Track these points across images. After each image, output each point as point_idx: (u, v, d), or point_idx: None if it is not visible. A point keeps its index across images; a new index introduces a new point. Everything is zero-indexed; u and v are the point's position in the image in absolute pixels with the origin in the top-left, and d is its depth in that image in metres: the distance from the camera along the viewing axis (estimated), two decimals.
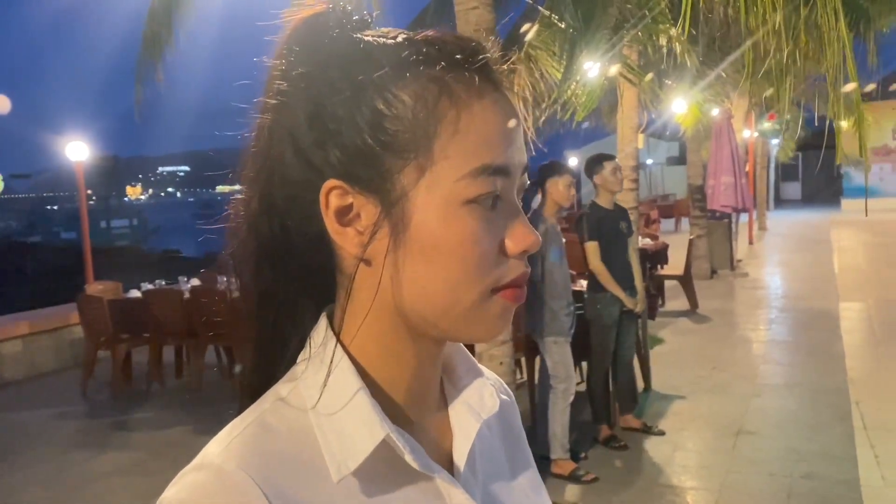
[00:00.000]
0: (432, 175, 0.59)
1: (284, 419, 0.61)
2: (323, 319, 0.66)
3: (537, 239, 0.62)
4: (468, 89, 0.60)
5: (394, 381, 0.65)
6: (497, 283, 0.61)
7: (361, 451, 0.59)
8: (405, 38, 0.62)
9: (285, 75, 0.61)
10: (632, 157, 7.13)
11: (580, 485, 4.40)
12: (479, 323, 0.62)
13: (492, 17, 3.81)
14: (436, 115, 0.60)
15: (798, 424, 5.30)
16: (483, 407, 0.70)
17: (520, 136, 0.63)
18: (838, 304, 9.61)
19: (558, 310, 4.41)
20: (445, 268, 0.60)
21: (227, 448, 0.58)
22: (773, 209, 28.02)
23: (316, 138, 0.60)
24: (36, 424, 6.24)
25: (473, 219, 0.60)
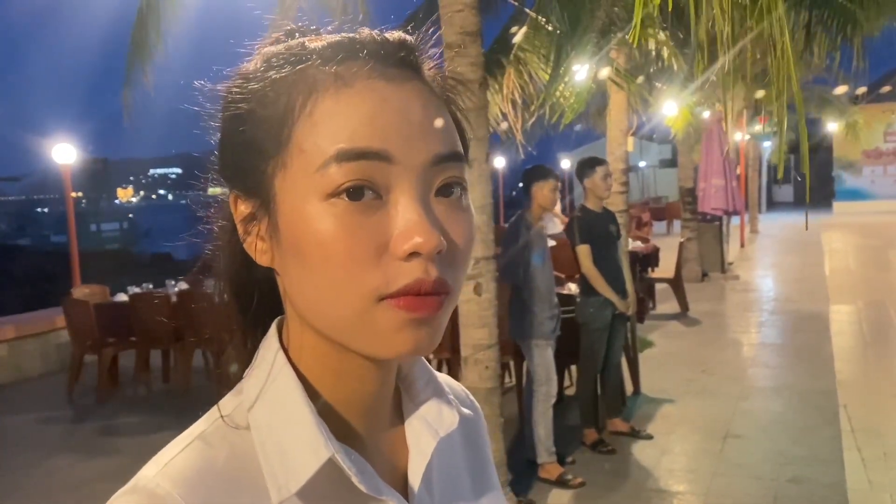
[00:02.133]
0: (291, 170, 0.56)
1: (225, 438, 0.59)
2: (272, 330, 0.63)
3: (430, 239, 0.53)
4: (334, 79, 0.56)
5: (339, 396, 0.61)
6: (382, 290, 0.54)
7: (304, 473, 0.56)
8: (298, 44, 0.60)
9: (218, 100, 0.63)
10: (621, 160, 7.12)
11: (567, 489, 4.39)
12: (370, 336, 0.56)
13: (477, 19, 3.79)
14: (289, 108, 0.56)
15: (785, 428, 5.29)
16: (441, 423, 0.66)
17: (421, 124, 0.57)
18: (828, 306, 9.63)
19: (540, 313, 4.40)
20: (315, 271, 0.55)
21: (163, 470, 0.56)
22: (765, 212, 28.08)
23: (221, 152, 0.62)
24: (21, 429, 6.20)
25: (336, 213, 0.54)
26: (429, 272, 0.54)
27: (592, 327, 4.92)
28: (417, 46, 0.61)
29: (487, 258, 3.84)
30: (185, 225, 0.70)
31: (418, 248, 0.53)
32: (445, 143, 0.58)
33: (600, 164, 4.95)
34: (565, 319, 4.78)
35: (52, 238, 41.55)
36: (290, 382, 0.59)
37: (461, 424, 0.71)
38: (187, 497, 0.54)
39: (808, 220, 19.15)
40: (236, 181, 0.60)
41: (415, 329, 0.55)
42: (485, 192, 3.81)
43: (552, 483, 4.43)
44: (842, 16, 6.89)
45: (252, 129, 0.58)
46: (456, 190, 0.58)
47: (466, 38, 3.73)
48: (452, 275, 0.57)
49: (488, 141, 3.83)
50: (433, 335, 0.57)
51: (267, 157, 0.57)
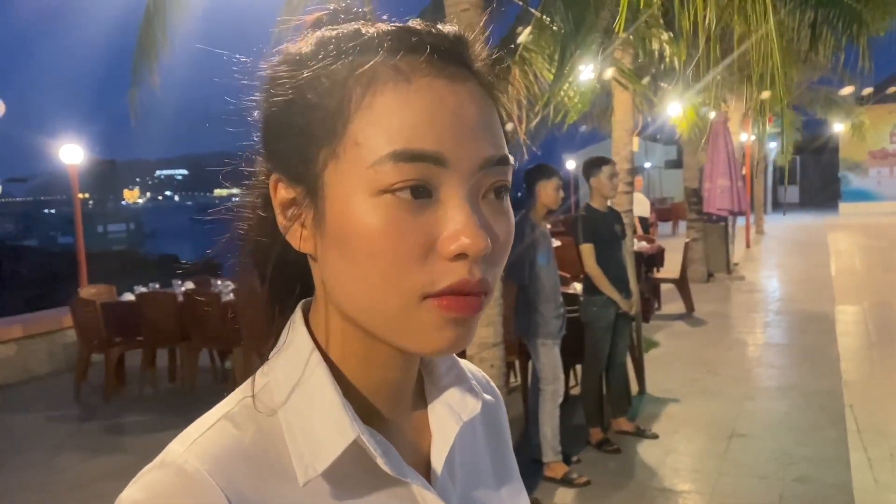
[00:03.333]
0: (344, 162, 0.56)
1: (252, 418, 0.59)
2: (298, 313, 0.64)
3: (477, 242, 0.54)
4: (394, 74, 0.56)
5: (364, 381, 0.62)
6: (427, 289, 0.55)
7: (330, 453, 0.57)
8: (354, 31, 0.59)
9: (263, 82, 0.62)
10: (626, 161, 7.12)
11: (572, 488, 4.39)
12: (410, 333, 0.56)
13: (482, 18, 3.80)
14: (346, 99, 0.56)
15: (791, 428, 5.29)
16: (464, 408, 0.67)
17: (474, 127, 0.56)
18: (834, 307, 9.61)
19: (546, 312, 4.40)
20: (359, 265, 0.55)
21: (190, 447, 0.56)
22: (770, 212, 28.03)
23: (267, 135, 0.62)
24: (28, 428, 6.23)
25: (386, 210, 0.54)
26: (473, 273, 0.55)
27: (596, 326, 4.93)
28: (471, 43, 0.61)
29: None
30: (190, 226, 0.70)
31: (466, 250, 0.54)
32: (495, 146, 0.58)
33: (606, 164, 4.96)
34: (570, 319, 4.78)
35: (59, 239, 41.74)
36: (319, 366, 0.60)
37: (483, 410, 0.71)
38: (215, 474, 0.54)
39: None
40: (282, 165, 0.60)
41: (454, 328, 0.56)
42: None
43: (557, 482, 4.44)
44: (848, 15, 6.88)
45: (304, 115, 0.58)
46: (503, 193, 0.59)
47: (467, 29, 3.74)
48: (494, 275, 0.58)
49: None
50: (469, 334, 0.58)
51: (319, 145, 0.57)
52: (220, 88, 0.66)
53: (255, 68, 0.62)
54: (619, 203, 6.44)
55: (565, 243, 7.85)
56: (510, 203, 0.61)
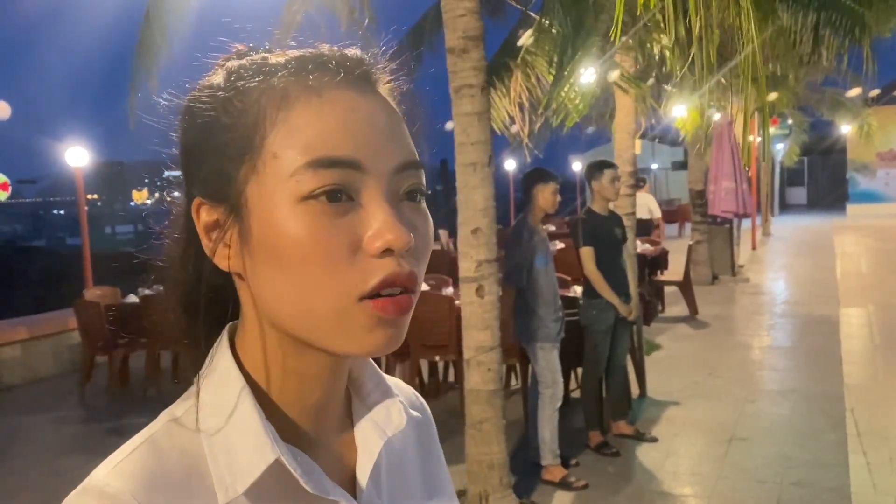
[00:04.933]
0: (265, 175, 0.58)
1: (175, 440, 0.60)
2: (225, 335, 0.65)
3: (400, 236, 0.57)
4: (305, 89, 0.59)
5: (290, 398, 0.63)
6: (360, 287, 0.57)
7: (250, 475, 0.58)
8: (261, 59, 0.62)
9: (179, 112, 0.65)
10: (629, 163, 7.12)
11: (570, 491, 4.40)
12: (345, 335, 0.58)
13: (479, 24, 3.81)
14: (261, 116, 0.59)
15: (791, 431, 5.28)
16: (389, 423, 0.68)
17: (386, 133, 0.60)
18: (839, 309, 9.58)
19: (545, 316, 4.41)
20: (290, 272, 0.57)
21: (113, 470, 0.58)
22: (777, 214, 27.93)
23: (186, 161, 0.64)
24: (32, 429, 6.27)
25: (311, 216, 0.56)
26: (402, 265, 0.58)
27: (595, 330, 4.94)
28: (374, 62, 0.64)
29: (489, 261, 3.87)
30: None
31: (391, 245, 0.56)
32: (408, 151, 0.62)
33: (609, 168, 4.98)
34: (569, 322, 4.79)
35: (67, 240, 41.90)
36: (242, 388, 0.61)
37: (414, 427, 0.75)
38: (138, 495, 0.56)
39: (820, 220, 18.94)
40: (202, 188, 0.62)
41: (385, 329, 0.58)
42: (487, 195, 3.84)
43: (555, 485, 4.45)
44: (849, 18, 6.86)
45: (221, 137, 0.60)
46: (419, 196, 0.62)
47: (469, 42, 3.76)
48: (419, 271, 0.60)
49: (491, 145, 3.85)
50: (399, 335, 0.60)
51: (238, 163, 0.59)
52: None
53: (179, 102, 0.65)
54: (621, 206, 6.45)
55: (568, 246, 7.86)
56: (425, 205, 0.63)
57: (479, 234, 3.81)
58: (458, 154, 3.82)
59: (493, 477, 3.92)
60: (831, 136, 27.20)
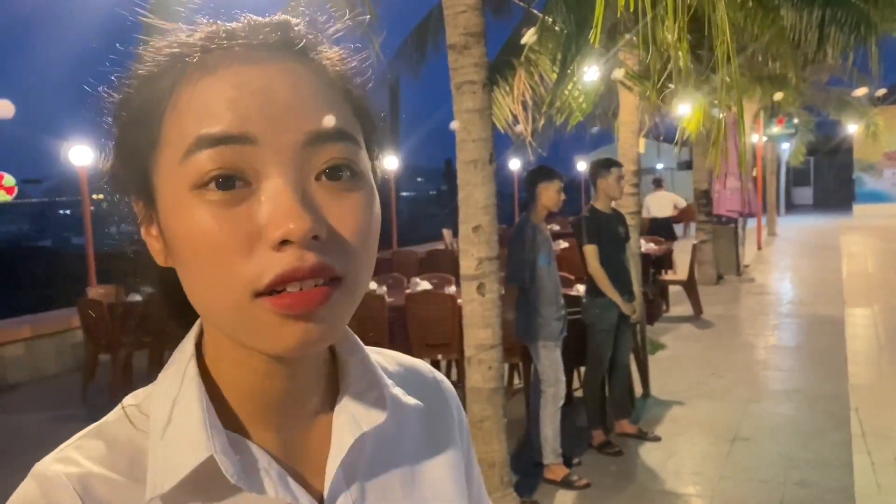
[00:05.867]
0: (162, 165, 0.55)
1: (124, 430, 0.59)
2: (194, 328, 0.63)
3: (300, 224, 0.50)
4: (200, 68, 0.54)
5: (246, 390, 0.60)
6: (255, 284, 0.51)
7: (180, 471, 0.56)
8: (171, 40, 0.58)
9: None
10: (633, 162, 7.10)
11: (572, 490, 4.38)
12: (253, 333, 0.54)
13: (480, 20, 3.80)
14: (156, 102, 0.55)
15: (795, 431, 5.25)
16: (367, 417, 0.63)
17: (290, 103, 0.54)
18: (844, 309, 9.53)
19: (547, 314, 4.39)
20: (188, 267, 0.54)
21: (58, 455, 0.58)
22: (784, 214, 27.85)
23: (111, 157, 0.61)
24: (34, 428, 6.27)
25: (200, 206, 0.52)
26: (304, 259, 0.51)
27: (598, 328, 4.92)
28: (298, 26, 0.58)
29: (490, 258, 3.85)
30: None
31: (288, 235, 0.50)
32: (321, 120, 0.54)
33: (615, 166, 4.97)
34: (572, 320, 4.77)
35: (72, 240, 42.05)
36: (191, 378, 0.59)
37: (418, 415, 0.70)
38: (73, 479, 0.55)
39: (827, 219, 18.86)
40: (127, 183, 0.60)
41: (298, 324, 0.53)
42: (488, 193, 3.82)
43: (557, 484, 4.43)
44: (855, 16, 6.83)
45: (129, 127, 0.57)
46: (344, 173, 0.55)
47: (470, 39, 3.74)
48: (344, 261, 0.54)
49: (492, 142, 3.84)
50: (325, 328, 0.54)
51: (145, 155, 0.56)
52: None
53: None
54: (625, 205, 6.42)
55: (572, 245, 7.84)
56: (366, 182, 0.57)
57: (481, 231, 3.80)
58: (460, 151, 3.81)
59: (494, 475, 3.91)
60: (838, 136, 27.12)
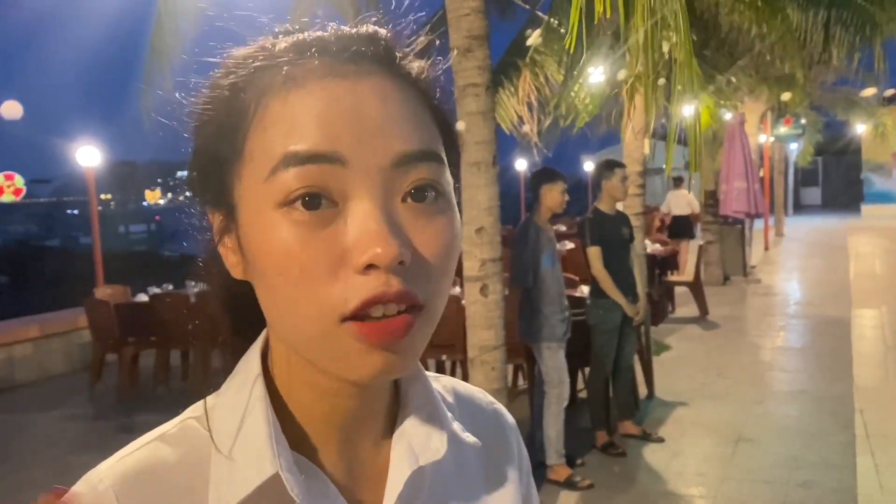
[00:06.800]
0: (246, 179, 0.54)
1: (184, 443, 0.58)
2: (259, 340, 0.62)
3: (387, 249, 0.49)
4: (284, 81, 0.53)
5: (311, 412, 0.59)
6: (342, 308, 0.50)
7: (245, 488, 0.54)
8: (258, 47, 0.57)
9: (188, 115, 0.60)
10: (638, 163, 7.10)
11: (575, 491, 4.39)
12: (334, 358, 0.53)
13: (484, 23, 3.81)
14: (242, 114, 0.54)
15: (799, 432, 5.25)
16: (426, 450, 0.61)
17: (380, 123, 0.52)
18: (851, 310, 9.51)
19: (551, 315, 4.41)
20: (271, 287, 0.53)
21: (114, 465, 0.57)
22: (791, 215, 27.76)
23: (189, 165, 0.60)
24: (42, 426, 6.31)
25: (286, 225, 0.51)
26: (390, 284, 0.50)
27: (602, 329, 4.93)
28: (386, 38, 0.57)
29: (494, 259, 3.86)
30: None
31: (375, 260, 0.49)
32: (412, 140, 0.53)
33: (619, 167, 4.98)
34: (576, 322, 4.79)
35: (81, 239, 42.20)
36: (258, 394, 0.58)
37: (480, 449, 0.68)
38: (121, 496, 0.55)
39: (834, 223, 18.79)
40: (205, 194, 0.58)
41: (381, 353, 0.52)
42: (492, 195, 3.83)
43: (560, 485, 4.44)
44: (860, 16, 6.82)
45: (212, 138, 0.56)
46: (430, 194, 0.54)
47: (473, 41, 3.75)
48: (426, 288, 0.53)
49: (495, 144, 3.85)
50: (404, 360, 0.53)
51: (227, 166, 0.55)
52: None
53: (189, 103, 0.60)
54: (630, 206, 6.43)
55: (577, 246, 7.84)
56: (449, 203, 0.56)
57: (484, 233, 3.81)
58: (463, 153, 3.81)
59: None
60: (846, 136, 26.98)
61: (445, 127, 0.58)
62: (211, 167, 0.57)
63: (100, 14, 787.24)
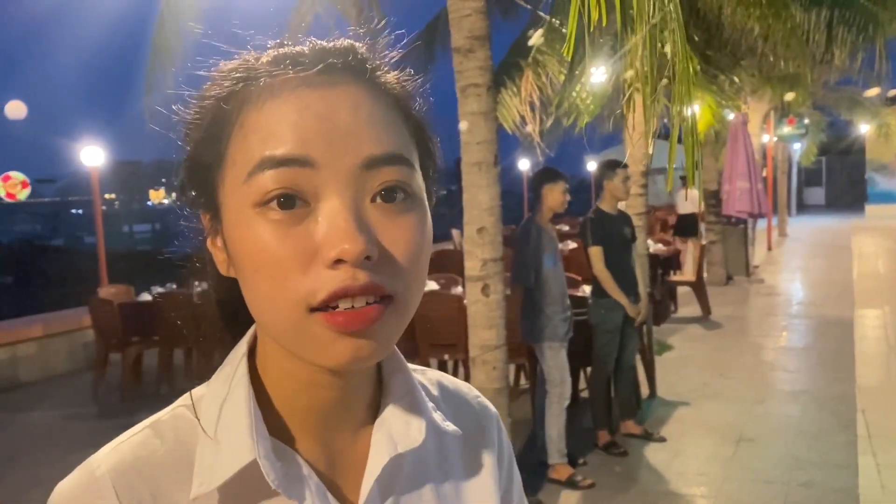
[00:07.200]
0: (228, 183, 0.58)
1: (175, 429, 0.62)
2: (248, 334, 0.67)
3: (354, 245, 0.53)
4: (264, 91, 0.57)
5: (292, 400, 0.63)
6: (310, 300, 0.54)
7: (226, 472, 0.59)
8: (241, 61, 0.61)
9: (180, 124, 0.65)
10: (640, 163, 7.11)
11: (576, 490, 4.40)
12: (308, 346, 0.56)
13: (485, 23, 3.82)
14: (224, 122, 0.59)
15: (800, 432, 5.26)
16: (405, 438, 0.65)
17: (349, 128, 0.56)
18: (854, 310, 9.50)
19: (553, 315, 4.42)
20: (252, 282, 0.57)
21: (110, 452, 0.61)
22: (795, 215, 27.71)
23: (181, 171, 0.65)
24: (45, 426, 6.34)
25: (262, 224, 0.55)
26: (356, 278, 0.54)
27: (603, 329, 4.94)
28: (361, 51, 0.60)
29: (495, 259, 3.87)
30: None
31: (342, 255, 0.53)
32: (380, 144, 0.57)
33: (620, 167, 4.98)
34: (578, 321, 4.79)
35: (85, 239, 42.33)
36: (241, 384, 0.62)
37: (456, 441, 0.72)
38: (117, 480, 0.59)
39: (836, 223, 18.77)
40: (195, 197, 0.63)
41: (351, 340, 0.55)
42: (493, 195, 3.84)
43: (562, 484, 4.45)
44: (863, 16, 6.81)
45: (199, 145, 0.61)
46: (398, 195, 0.57)
47: (475, 42, 3.76)
48: (393, 283, 0.56)
49: (497, 144, 3.86)
50: (375, 345, 0.56)
51: (212, 172, 0.60)
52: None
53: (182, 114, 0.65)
54: (633, 206, 6.43)
55: (580, 245, 7.84)
56: (418, 203, 0.59)
57: (485, 232, 3.82)
58: (464, 153, 3.83)
59: None
60: (849, 136, 26.94)
61: (420, 135, 0.63)
62: (199, 172, 0.61)
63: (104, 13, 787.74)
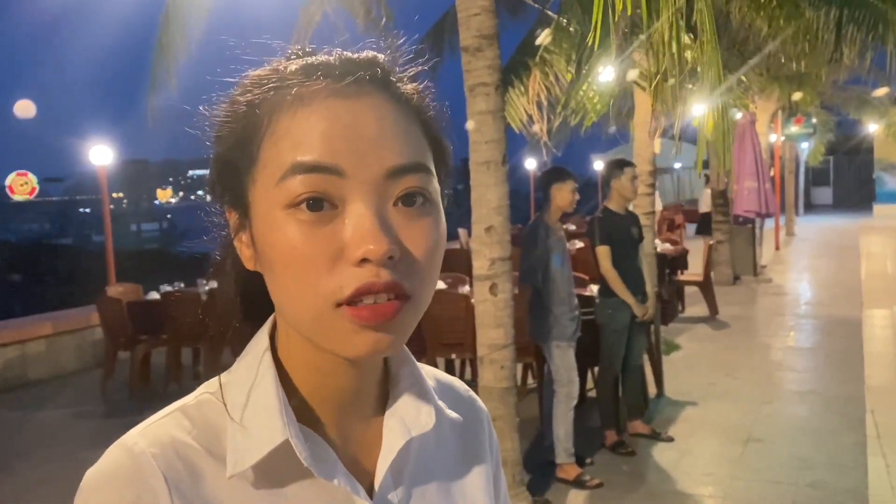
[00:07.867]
0: (259, 184, 0.62)
1: (204, 412, 0.66)
2: (268, 322, 0.70)
3: (378, 245, 0.57)
4: (293, 100, 0.61)
5: (312, 388, 0.67)
6: (337, 295, 0.59)
7: (259, 452, 0.62)
8: (271, 70, 0.65)
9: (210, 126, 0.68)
10: (648, 162, 7.09)
11: (584, 490, 4.40)
12: (331, 338, 0.61)
13: (493, 22, 3.82)
14: (256, 127, 0.62)
15: (808, 432, 5.24)
16: (416, 423, 0.70)
17: (374, 139, 0.60)
18: (862, 310, 9.46)
19: (561, 315, 4.42)
20: (278, 277, 0.61)
21: (143, 431, 0.64)
22: (802, 214, 27.63)
23: (210, 170, 0.68)
24: (55, 423, 6.37)
25: (292, 224, 0.59)
26: (380, 276, 0.58)
27: (610, 328, 4.93)
28: (383, 63, 0.65)
29: (503, 259, 3.88)
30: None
31: (368, 255, 0.57)
32: (402, 154, 0.61)
33: (628, 166, 4.98)
34: (586, 321, 4.79)
35: (93, 238, 42.48)
36: (268, 370, 0.66)
37: (454, 429, 0.78)
38: (157, 456, 0.61)
39: None
40: (223, 195, 0.67)
41: (370, 333, 0.60)
42: (501, 194, 3.85)
43: (569, 483, 4.45)
44: (872, 15, 6.78)
45: (230, 147, 0.64)
46: (418, 199, 0.62)
47: (483, 41, 3.77)
48: (411, 282, 0.60)
49: (505, 143, 3.86)
50: (393, 338, 0.61)
51: (243, 173, 0.63)
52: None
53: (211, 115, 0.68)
54: (640, 205, 6.42)
55: (587, 244, 7.83)
56: (435, 206, 0.63)
57: (493, 232, 3.83)
58: (473, 152, 3.84)
59: (506, 474, 3.89)
60: (858, 135, 26.85)
61: (436, 141, 0.67)
62: (229, 172, 0.65)
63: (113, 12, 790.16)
